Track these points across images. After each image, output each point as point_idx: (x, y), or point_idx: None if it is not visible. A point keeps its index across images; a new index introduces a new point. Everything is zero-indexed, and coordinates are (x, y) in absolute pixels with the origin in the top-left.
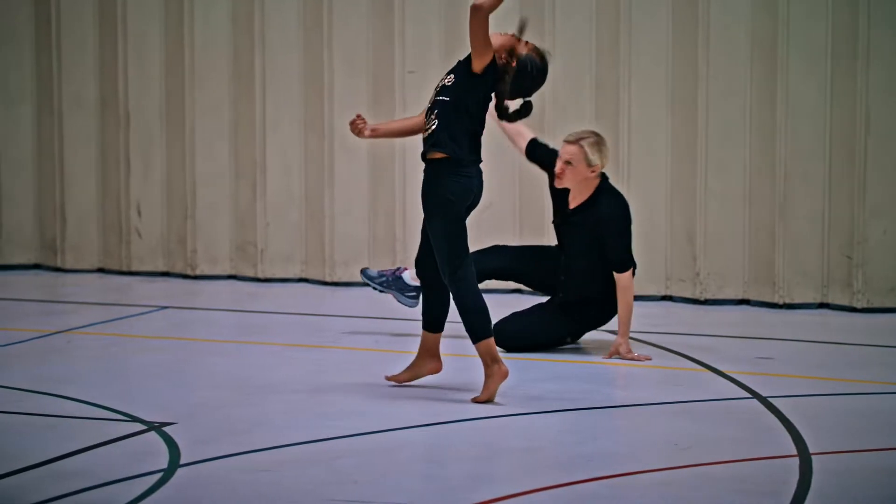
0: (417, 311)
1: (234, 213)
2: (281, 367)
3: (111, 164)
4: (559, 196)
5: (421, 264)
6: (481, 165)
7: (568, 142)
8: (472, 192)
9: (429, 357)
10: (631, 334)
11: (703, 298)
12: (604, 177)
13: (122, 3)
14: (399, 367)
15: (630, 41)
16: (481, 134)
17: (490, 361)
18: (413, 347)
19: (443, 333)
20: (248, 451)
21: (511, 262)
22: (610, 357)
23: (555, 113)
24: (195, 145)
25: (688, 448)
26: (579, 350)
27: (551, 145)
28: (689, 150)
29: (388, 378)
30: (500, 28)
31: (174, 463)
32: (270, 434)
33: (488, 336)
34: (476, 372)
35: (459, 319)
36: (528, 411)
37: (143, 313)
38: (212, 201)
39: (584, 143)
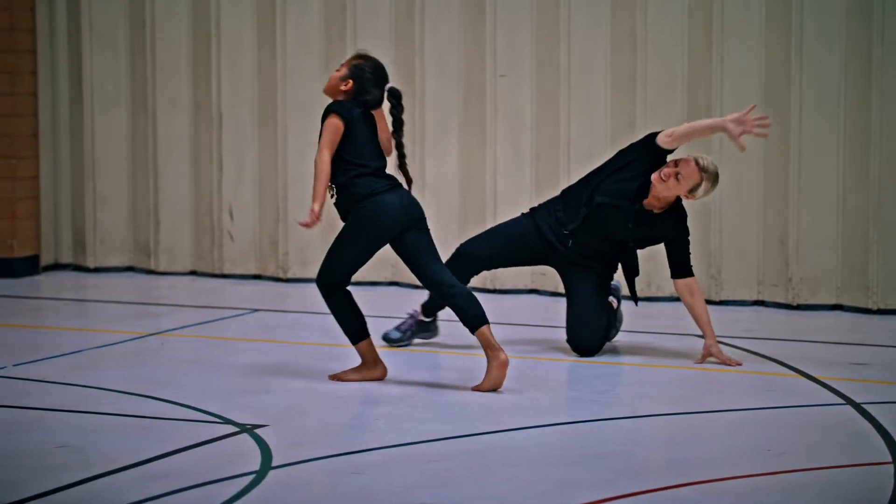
0: (489, 312)
1: (325, 216)
2: None
3: (204, 166)
4: (639, 189)
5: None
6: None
7: (696, 163)
8: (389, 221)
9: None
10: (724, 340)
11: (795, 304)
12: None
13: (215, 6)
14: (482, 371)
15: (722, 46)
16: (378, 167)
17: (371, 360)
18: (507, 351)
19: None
20: (339, 454)
21: (488, 259)
22: (703, 360)
23: (646, 115)
24: (287, 148)
25: (781, 454)
26: (671, 355)
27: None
28: (782, 155)
29: (473, 388)
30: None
31: (266, 465)
32: (361, 437)
33: (361, 340)
34: (556, 374)
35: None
36: (620, 416)
37: (235, 316)
38: (304, 204)
39: (705, 175)
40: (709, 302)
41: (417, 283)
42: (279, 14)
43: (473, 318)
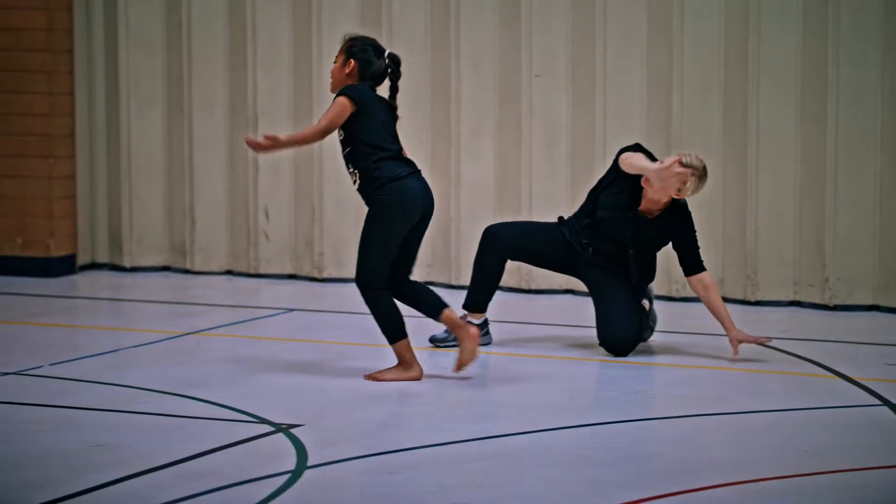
0: (524, 312)
1: (362, 216)
2: None
3: (239, 166)
4: (630, 189)
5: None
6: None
7: (680, 161)
8: (414, 207)
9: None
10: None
11: (832, 304)
12: None
13: (251, 7)
14: (523, 371)
15: (759, 48)
16: (398, 150)
17: (409, 360)
18: (542, 351)
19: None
20: (375, 454)
21: (512, 243)
22: (736, 352)
23: (683, 121)
24: (323, 149)
25: (817, 455)
26: (706, 355)
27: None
28: (819, 155)
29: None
30: None
31: (301, 465)
32: (396, 437)
33: (402, 339)
34: (591, 374)
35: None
36: (655, 417)
37: (270, 316)
38: (340, 203)
39: (689, 172)
40: (744, 303)
41: (453, 282)
42: (315, 15)
43: (436, 304)
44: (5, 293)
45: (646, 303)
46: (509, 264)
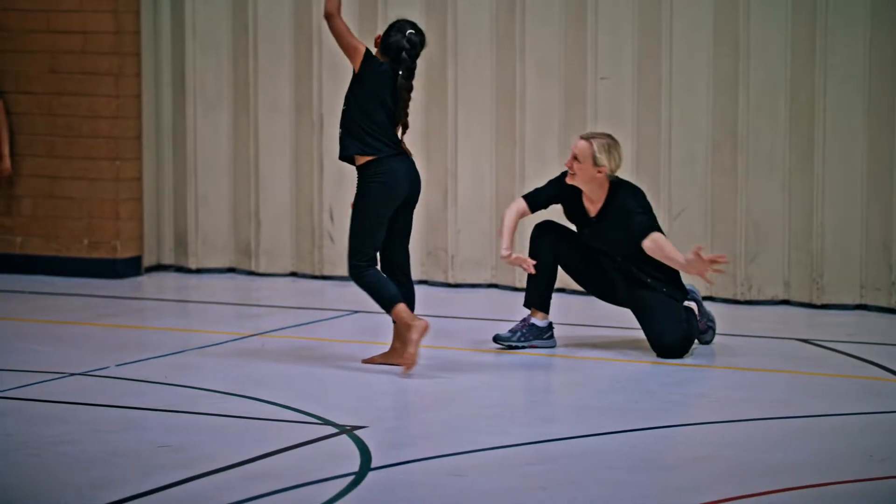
0: (586, 315)
1: (424, 219)
2: (470, 373)
3: (304, 168)
4: (576, 211)
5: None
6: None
7: (581, 137)
8: (398, 186)
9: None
10: (826, 343)
11: None
12: (615, 178)
13: (317, 10)
14: (586, 374)
15: (826, 49)
16: (390, 127)
17: (409, 321)
18: (605, 354)
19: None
20: (438, 456)
21: (564, 249)
22: (704, 267)
23: (748, 118)
24: None
25: (883, 459)
26: (771, 358)
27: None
28: (885, 159)
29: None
30: None
31: (365, 466)
32: (460, 439)
33: (398, 302)
34: (653, 377)
35: None
36: (718, 420)
37: (334, 317)
38: None
39: (594, 141)
40: (811, 306)
41: (517, 284)
42: (380, 18)
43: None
44: (72, 294)
45: (693, 305)
46: None
